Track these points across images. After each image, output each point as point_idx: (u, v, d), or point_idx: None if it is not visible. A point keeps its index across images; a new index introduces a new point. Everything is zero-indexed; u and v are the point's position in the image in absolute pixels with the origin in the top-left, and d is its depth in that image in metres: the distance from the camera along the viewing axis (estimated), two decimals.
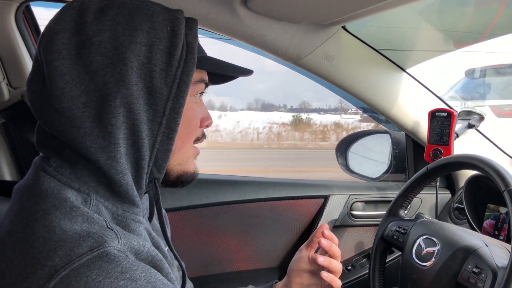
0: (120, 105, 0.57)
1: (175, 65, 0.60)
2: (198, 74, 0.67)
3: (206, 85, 0.71)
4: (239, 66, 0.72)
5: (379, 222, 1.24)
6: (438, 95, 1.48)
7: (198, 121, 0.70)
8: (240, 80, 0.79)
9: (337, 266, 0.85)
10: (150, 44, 0.59)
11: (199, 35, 0.66)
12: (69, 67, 0.57)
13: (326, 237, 0.86)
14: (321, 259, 0.84)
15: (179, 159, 0.68)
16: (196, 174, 0.72)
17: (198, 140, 0.72)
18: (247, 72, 0.72)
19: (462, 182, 1.53)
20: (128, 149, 0.59)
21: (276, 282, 0.95)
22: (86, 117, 0.57)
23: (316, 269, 0.88)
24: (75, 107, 0.57)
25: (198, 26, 0.66)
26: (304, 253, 0.90)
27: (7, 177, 1.37)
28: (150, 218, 0.74)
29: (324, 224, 0.88)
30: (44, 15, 1.30)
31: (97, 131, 0.57)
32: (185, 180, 0.70)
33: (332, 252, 0.86)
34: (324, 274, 0.83)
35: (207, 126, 0.73)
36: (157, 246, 0.67)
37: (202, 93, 0.71)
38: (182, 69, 0.60)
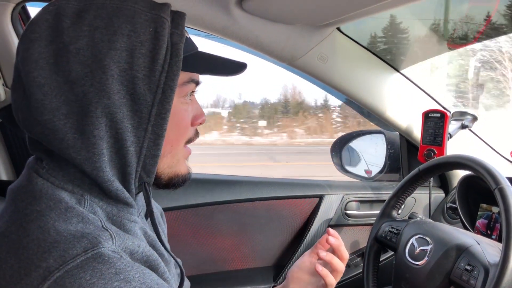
0: (102, 115, 0.55)
1: (158, 70, 0.57)
2: (186, 75, 0.64)
3: (198, 84, 0.67)
4: (231, 61, 0.67)
5: (373, 222, 1.25)
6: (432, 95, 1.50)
7: (188, 122, 0.67)
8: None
9: (339, 265, 0.85)
10: (131, 49, 0.55)
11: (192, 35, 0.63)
12: (47, 77, 0.54)
13: (331, 244, 0.86)
14: (323, 254, 0.84)
15: (169, 162, 0.66)
16: (189, 176, 0.70)
17: (190, 141, 0.69)
18: (238, 69, 0.67)
19: (455, 182, 1.55)
20: (113, 157, 0.58)
21: (274, 286, 0.95)
22: (68, 129, 0.55)
23: (315, 280, 0.87)
24: (56, 119, 0.55)
25: (193, 27, 0.63)
26: (306, 259, 0.89)
27: (4, 176, 1.37)
28: (147, 216, 0.73)
29: (329, 229, 0.88)
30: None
31: (80, 143, 0.55)
32: (177, 183, 0.68)
33: (340, 252, 0.86)
34: (319, 268, 0.83)
35: (200, 124, 0.70)
36: (153, 245, 0.67)
37: (193, 92, 0.68)
38: (166, 74, 0.57)
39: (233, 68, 0.67)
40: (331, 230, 0.87)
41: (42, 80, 0.54)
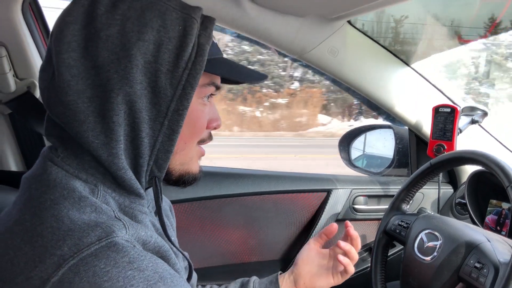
0: (122, 103, 0.57)
1: (182, 67, 0.58)
2: (208, 77, 0.66)
3: (218, 88, 0.69)
4: (253, 70, 0.70)
5: (381, 216, 1.25)
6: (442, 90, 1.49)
7: (204, 123, 0.68)
8: None
9: (355, 254, 0.94)
10: (159, 42, 0.57)
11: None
12: (77, 60, 0.56)
13: (351, 234, 0.95)
14: (343, 244, 0.93)
15: (182, 159, 0.67)
16: (199, 175, 0.71)
17: (203, 141, 0.70)
18: (260, 78, 0.69)
19: (464, 178, 1.54)
20: (128, 145, 0.59)
21: (280, 273, 0.97)
22: (91, 112, 0.57)
23: (325, 262, 0.96)
24: (80, 101, 0.56)
25: None
26: (312, 246, 0.98)
27: (13, 167, 1.38)
28: (155, 212, 0.73)
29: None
30: (51, 2, 1.29)
31: (100, 127, 0.57)
32: (187, 180, 0.69)
33: (356, 243, 0.96)
34: (341, 257, 0.91)
35: (215, 128, 0.71)
36: (162, 238, 0.67)
37: (212, 95, 0.69)
38: (189, 71, 0.59)
39: (254, 76, 0.69)
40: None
41: (72, 62, 0.56)
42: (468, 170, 1.48)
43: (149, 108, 0.59)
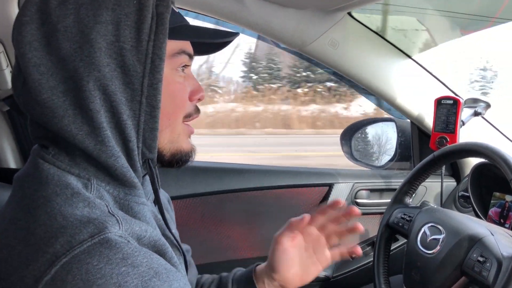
0: (95, 89, 0.56)
1: (145, 40, 0.57)
2: (177, 45, 0.64)
3: (191, 57, 0.67)
4: (220, 30, 0.67)
5: (383, 210, 1.24)
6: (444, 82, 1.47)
7: (185, 96, 0.67)
8: None
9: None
10: (116, 21, 0.57)
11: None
12: (42, 57, 0.56)
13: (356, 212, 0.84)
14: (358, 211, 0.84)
15: (169, 137, 0.66)
16: (193, 153, 0.69)
17: (189, 116, 0.69)
18: (229, 35, 0.67)
19: (467, 170, 1.52)
20: (113, 131, 0.58)
21: (258, 265, 0.89)
22: (68, 105, 0.56)
23: (304, 255, 0.84)
24: (55, 97, 0.56)
25: (201, 12, 0.63)
26: (287, 245, 0.84)
27: (12, 164, 1.37)
28: (155, 203, 0.72)
29: (305, 216, 0.84)
30: None
31: (81, 118, 0.56)
32: (180, 159, 0.68)
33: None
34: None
35: (199, 100, 0.69)
36: (162, 229, 0.67)
37: (186, 65, 0.67)
38: (153, 43, 0.58)
39: (223, 35, 0.67)
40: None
41: (38, 60, 0.56)
42: (471, 162, 1.47)
43: (123, 89, 0.58)
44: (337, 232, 0.85)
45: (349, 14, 1.30)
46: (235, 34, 0.68)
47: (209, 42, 0.70)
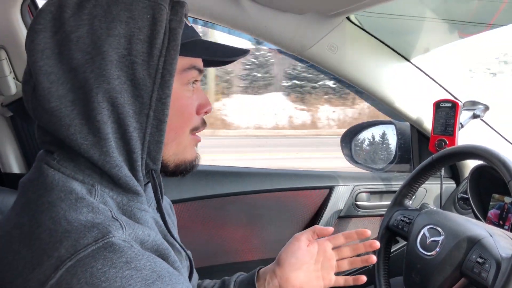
0: (103, 100, 0.56)
1: (156, 55, 0.58)
2: (188, 61, 0.64)
3: (201, 71, 0.67)
4: (231, 47, 0.68)
5: (383, 213, 1.24)
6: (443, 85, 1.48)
7: (192, 110, 0.67)
8: None
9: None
10: (129, 35, 0.57)
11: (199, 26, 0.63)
12: (53, 66, 0.57)
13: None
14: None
15: (175, 150, 0.66)
16: (196, 162, 0.70)
17: (196, 129, 0.69)
18: (240, 53, 0.67)
19: (466, 172, 1.53)
20: (118, 142, 0.59)
21: (260, 268, 0.88)
22: (75, 115, 0.57)
23: (312, 263, 0.83)
24: (63, 106, 0.57)
25: (201, 18, 0.64)
26: (302, 244, 0.83)
27: (15, 169, 1.38)
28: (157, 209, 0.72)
29: (329, 228, 0.85)
30: None
31: (87, 128, 0.57)
32: (184, 169, 0.68)
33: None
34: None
35: (206, 113, 0.70)
36: (164, 235, 0.67)
37: (196, 80, 0.67)
38: (164, 58, 0.59)
39: (234, 52, 0.68)
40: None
41: (49, 68, 0.57)
42: (470, 164, 1.48)
43: (131, 101, 0.58)
44: (350, 260, 0.86)
45: (348, 18, 1.31)
46: (246, 52, 0.68)
47: (220, 60, 0.70)
